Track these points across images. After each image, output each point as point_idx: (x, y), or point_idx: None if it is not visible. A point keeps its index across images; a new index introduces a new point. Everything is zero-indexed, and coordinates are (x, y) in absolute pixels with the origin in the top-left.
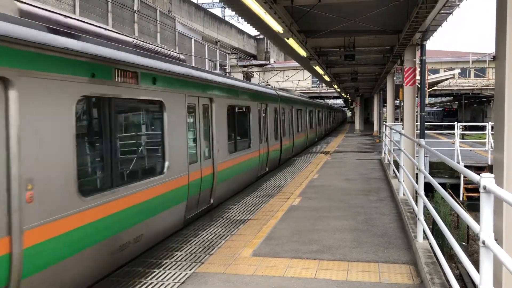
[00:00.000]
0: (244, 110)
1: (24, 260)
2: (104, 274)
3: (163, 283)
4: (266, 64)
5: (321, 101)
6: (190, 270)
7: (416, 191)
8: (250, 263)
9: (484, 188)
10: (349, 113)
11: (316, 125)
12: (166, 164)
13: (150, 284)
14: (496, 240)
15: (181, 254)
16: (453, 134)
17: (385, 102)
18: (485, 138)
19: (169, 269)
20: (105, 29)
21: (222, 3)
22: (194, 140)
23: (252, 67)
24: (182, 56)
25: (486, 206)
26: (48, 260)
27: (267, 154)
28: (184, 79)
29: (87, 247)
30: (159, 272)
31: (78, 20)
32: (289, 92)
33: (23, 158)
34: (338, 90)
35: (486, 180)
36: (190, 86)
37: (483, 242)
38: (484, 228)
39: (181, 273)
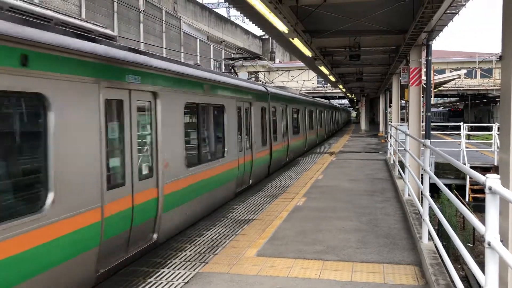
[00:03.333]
0: (216, 109)
1: (164, 202)
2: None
3: (167, 283)
4: (256, 58)
5: (324, 100)
6: (194, 270)
7: (421, 192)
8: (254, 263)
9: (490, 189)
10: (353, 113)
11: (317, 126)
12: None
13: (155, 283)
14: (501, 241)
15: (186, 254)
16: (459, 134)
17: (390, 102)
18: (491, 139)
19: (173, 268)
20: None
21: (227, 3)
22: (118, 152)
23: (240, 60)
24: (110, 32)
25: (492, 207)
26: (177, 202)
27: (250, 164)
28: (93, 60)
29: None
30: (163, 271)
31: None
32: (286, 90)
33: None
34: (344, 90)
35: (491, 181)
36: (110, 72)
37: (489, 243)
38: (489, 229)
39: (185, 272)
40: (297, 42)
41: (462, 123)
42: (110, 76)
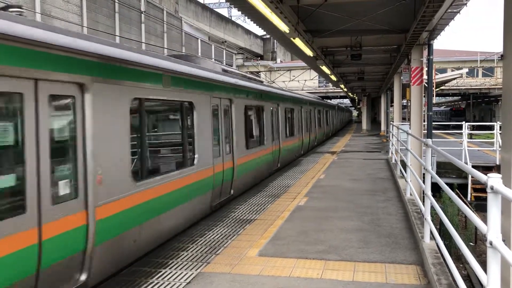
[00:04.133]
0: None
1: (237, 169)
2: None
3: (169, 283)
4: (258, 58)
5: (319, 99)
6: (196, 270)
7: (423, 191)
8: (256, 263)
9: (492, 188)
10: (355, 113)
11: (314, 127)
12: None
13: (156, 283)
14: (503, 240)
15: (187, 254)
16: (461, 133)
17: (392, 101)
18: (493, 138)
19: (175, 268)
20: None
21: (229, 3)
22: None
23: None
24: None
25: (494, 207)
26: (243, 171)
27: (181, 194)
28: None
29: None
30: (165, 271)
31: None
32: (261, 84)
33: (236, 135)
34: (345, 89)
35: (493, 180)
36: None
37: (491, 243)
38: (491, 229)
39: (187, 273)
40: (298, 42)
41: (463, 122)
42: None
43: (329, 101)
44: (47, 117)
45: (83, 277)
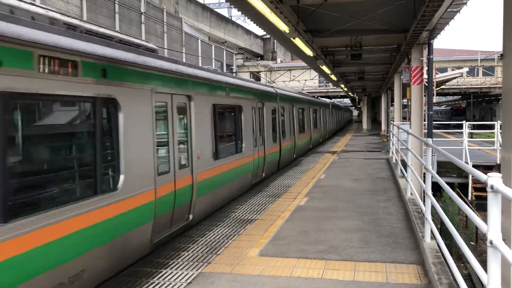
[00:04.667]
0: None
1: (197, 187)
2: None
3: (170, 283)
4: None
5: (314, 97)
6: (196, 270)
7: (423, 191)
8: (256, 263)
9: (492, 187)
10: (355, 113)
11: (309, 128)
12: None
13: (157, 284)
14: (504, 240)
15: (188, 254)
16: (462, 133)
17: (392, 101)
18: (494, 137)
19: (176, 269)
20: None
21: (229, 3)
22: None
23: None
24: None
25: (494, 206)
26: (208, 188)
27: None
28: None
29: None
30: (166, 272)
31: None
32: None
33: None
34: (345, 89)
35: (493, 179)
36: None
37: (491, 242)
38: (491, 228)
39: (188, 273)
40: (298, 41)
41: (464, 121)
42: None
43: (325, 99)
44: (176, 117)
45: (190, 217)
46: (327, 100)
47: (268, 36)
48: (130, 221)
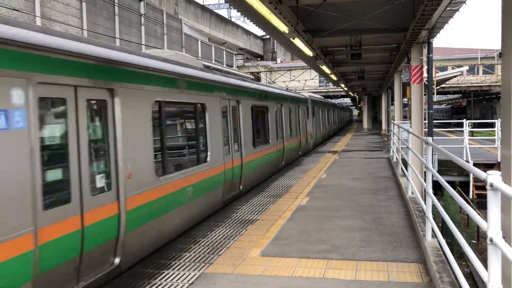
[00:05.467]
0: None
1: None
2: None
3: (172, 284)
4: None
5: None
6: (198, 270)
7: (424, 190)
8: (258, 264)
9: (491, 185)
10: (355, 112)
11: (302, 130)
12: None
13: (160, 285)
14: (504, 237)
15: (190, 255)
16: (462, 131)
17: (393, 100)
18: (494, 135)
19: (177, 270)
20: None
21: (228, 4)
22: None
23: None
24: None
25: (494, 204)
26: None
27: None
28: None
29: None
30: (168, 273)
31: None
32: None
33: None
34: (346, 89)
35: (493, 177)
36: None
37: (491, 240)
38: (491, 226)
39: (189, 273)
40: (297, 42)
41: (465, 120)
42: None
43: (316, 96)
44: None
45: (241, 187)
46: (318, 97)
47: (268, 36)
48: (214, 183)
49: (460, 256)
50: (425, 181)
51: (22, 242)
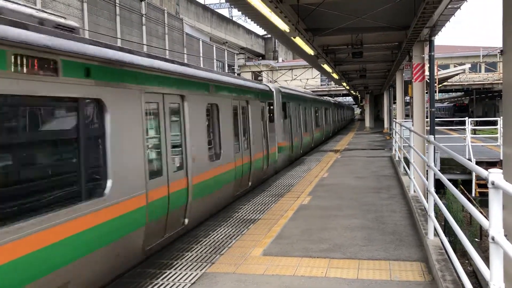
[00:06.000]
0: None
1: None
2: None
3: (174, 284)
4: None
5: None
6: (200, 270)
7: (426, 188)
8: (260, 263)
9: (493, 183)
10: (357, 111)
11: (296, 132)
12: None
13: (161, 285)
14: (506, 236)
15: (192, 255)
16: (465, 129)
17: (395, 98)
18: (497, 133)
19: (179, 269)
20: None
21: (229, 3)
22: None
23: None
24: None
25: (495, 202)
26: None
27: None
28: None
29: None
30: (170, 272)
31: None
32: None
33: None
34: (347, 87)
35: (494, 175)
36: None
37: (493, 238)
38: (493, 224)
39: (191, 273)
40: (298, 40)
41: (467, 118)
42: None
43: (296, 89)
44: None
45: (250, 183)
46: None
47: (269, 35)
48: (245, 169)
49: (463, 254)
50: (427, 179)
51: (141, 199)
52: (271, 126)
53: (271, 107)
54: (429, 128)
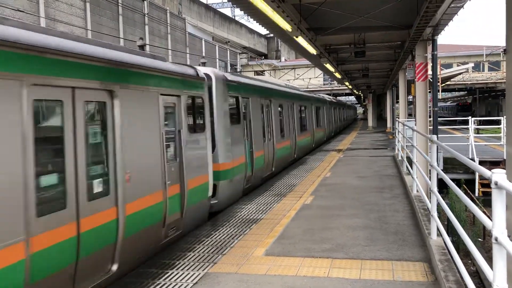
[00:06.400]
0: None
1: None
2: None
3: (176, 284)
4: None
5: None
6: (203, 270)
7: (429, 188)
8: (262, 263)
9: (496, 184)
10: (360, 110)
11: (284, 134)
12: None
13: (164, 285)
14: (509, 236)
15: (194, 255)
16: (468, 129)
17: (397, 98)
18: (500, 132)
19: (182, 269)
20: None
21: (231, 3)
22: None
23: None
24: None
25: (498, 202)
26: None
27: None
28: None
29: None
30: (172, 272)
31: None
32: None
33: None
34: (350, 87)
35: (497, 176)
36: None
37: (496, 239)
38: (496, 225)
39: (194, 273)
40: (301, 40)
41: (470, 117)
42: None
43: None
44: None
45: (273, 169)
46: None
47: (271, 35)
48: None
49: (466, 254)
50: (430, 179)
51: (160, 194)
52: (195, 139)
53: (201, 104)
54: (432, 127)
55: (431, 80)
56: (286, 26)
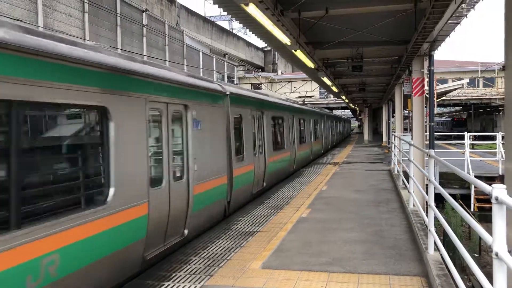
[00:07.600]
0: None
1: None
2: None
3: None
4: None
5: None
6: (199, 283)
7: (426, 202)
8: (259, 276)
9: (496, 199)
10: (355, 124)
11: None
12: None
13: None
14: (509, 251)
15: (190, 267)
16: (463, 144)
17: (393, 112)
18: (496, 148)
19: (178, 281)
20: None
21: (230, 16)
22: None
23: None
24: None
25: (499, 217)
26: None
27: None
28: None
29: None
30: (168, 285)
31: None
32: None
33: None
34: (346, 100)
35: (498, 191)
36: None
37: (496, 254)
38: (497, 240)
39: (190, 285)
40: (299, 53)
41: (465, 132)
42: None
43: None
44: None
45: (265, 184)
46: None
47: (269, 48)
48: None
49: (462, 269)
50: (427, 193)
51: (224, 178)
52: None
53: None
54: (428, 142)
55: (427, 95)
56: (285, 40)
